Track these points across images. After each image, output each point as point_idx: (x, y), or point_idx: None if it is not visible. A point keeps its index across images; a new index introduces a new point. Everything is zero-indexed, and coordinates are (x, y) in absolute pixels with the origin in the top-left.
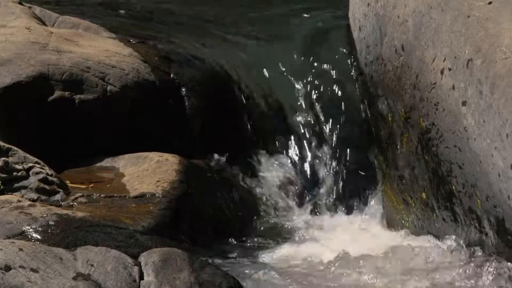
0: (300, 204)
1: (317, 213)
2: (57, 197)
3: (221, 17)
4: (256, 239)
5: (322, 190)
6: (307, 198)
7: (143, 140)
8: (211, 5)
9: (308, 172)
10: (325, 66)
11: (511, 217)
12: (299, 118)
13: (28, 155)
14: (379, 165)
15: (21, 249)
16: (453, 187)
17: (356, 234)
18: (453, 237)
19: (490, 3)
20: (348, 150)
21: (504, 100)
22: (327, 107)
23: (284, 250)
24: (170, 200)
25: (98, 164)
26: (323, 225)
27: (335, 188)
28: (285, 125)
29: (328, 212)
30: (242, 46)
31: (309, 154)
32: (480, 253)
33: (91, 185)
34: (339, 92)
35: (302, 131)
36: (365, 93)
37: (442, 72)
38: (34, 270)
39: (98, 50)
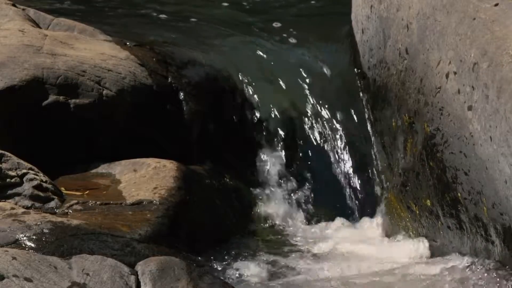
0: (301, 213)
1: (319, 222)
2: (52, 204)
3: (219, 19)
4: (255, 248)
5: (324, 198)
6: (309, 207)
7: (140, 145)
8: (210, 7)
9: (310, 180)
10: (327, 69)
11: None
12: (300, 123)
13: (21, 161)
14: (382, 171)
15: (14, 258)
16: (459, 194)
17: (358, 243)
18: (459, 245)
19: (496, 5)
20: (351, 156)
21: (511, 105)
22: (329, 111)
23: (284, 259)
24: (167, 208)
25: (94, 171)
26: (325, 234)
27: (337, 195)
28: (286, 130)
29: (330, 221)
30: (241, 49)
31: (310, 161)
32: (486, 262)
33: (86, 192)
34: (342, 96)
35: (304, 136)
36: (368, 98)
37: (447, 76)
38: (28, 280)
39: (93, 53)
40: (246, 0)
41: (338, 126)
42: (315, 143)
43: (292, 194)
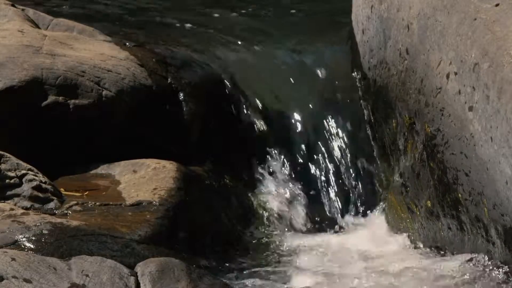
0: (301, 214)
1: (319, 223)
2: (51, 205)
3: (219, 20)
4: (255, 249)
5: (324, 200)
6: (309, 208)
7: (140, 146)
8: (209, 7)
9: (310, 181)
10: (327, 70)
11: None
12: (300, 124)
13: (21, 162)
14: (383, 172)
15: (14, 259)
16: (459, 195)
17: (359, 245)
18: (460, 246)
19: (497, 5)
20: (351, 157)
21: None
22: (329, 113)
23: (284, 261)
24: (167, 209)
25: (93, 171)
26: (325, 235)
27: (337, 198)
28: (286, 132)
29: (330, 222)
30: (241, 49)
31: (311, 162)
32: (487, 264)
33: (86, 193)
34: (342, 98)
35: (304, 137)
36: (369, 98)
37: (447, 77)
38: (28, 281)
39: (93, 54)
40: (244, 4)
41: (338, 127)
42: (315, 144)
43: (292, 196)
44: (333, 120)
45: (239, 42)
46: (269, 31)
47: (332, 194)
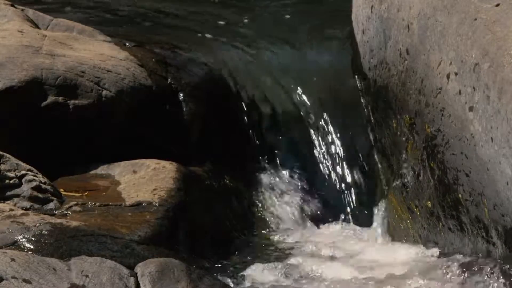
0: (301, 214)
1: (319, 224)
2: (51, 205)
3: (218, 22)
4: (255, 249)
5: (324, 200)
6: (309, 209)
7: (140, 146)
8: (208, 10)
9: (310, 182)
10: (327, 70)
11: None
12: (300, 125)
13: (20, 162)
14: (383, 172)
15: (13, 260)
16: (460, 195)
17: (359, 245)
18: (460, 247)
19: (497, 5)
20: (351, 158)
21: None
22: (330, 114)
23: (284, 261)
24: (167, 209)
25: (93, 172)
26: (324, 236)
27: (337, 197)
28: (286, 132)
29: (330, 222)
30: (242, 49)
31: (311, 163)
32: (487, 264)
33: (85, 193)
34: (342, 98)
35: (304, 137)
36: (369, 98)
37: (448, 77)
38: (27, 281)
39: (93, 54)
40: (246, 3)
41: (338, 127)
42: (315, 145)
43: (291, 196)
44: (333, 120)
45: (239, 44)
46: (268, 32)
47: (332, 195)
